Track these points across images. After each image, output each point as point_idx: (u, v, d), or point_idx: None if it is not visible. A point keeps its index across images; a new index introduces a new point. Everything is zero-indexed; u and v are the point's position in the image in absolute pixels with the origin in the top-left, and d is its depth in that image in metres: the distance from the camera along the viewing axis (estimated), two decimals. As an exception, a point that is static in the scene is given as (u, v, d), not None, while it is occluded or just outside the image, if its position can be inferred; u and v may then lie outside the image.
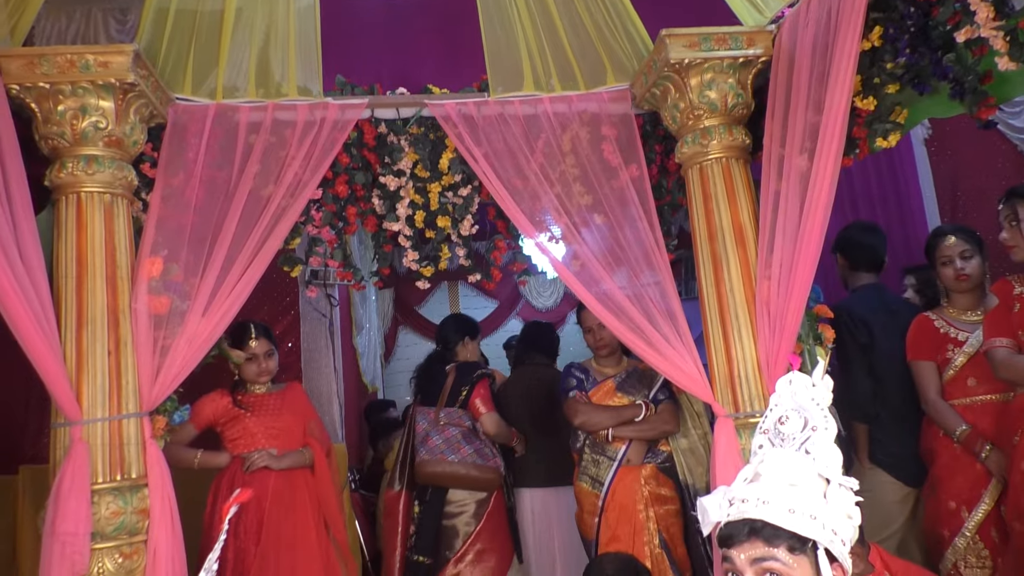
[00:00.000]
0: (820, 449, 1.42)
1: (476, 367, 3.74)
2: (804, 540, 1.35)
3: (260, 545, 3.01)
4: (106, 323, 2.45)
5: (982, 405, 2.88)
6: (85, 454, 2.34)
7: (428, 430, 3.51)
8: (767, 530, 1.36)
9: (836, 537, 1.35)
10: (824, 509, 1.37)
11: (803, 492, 1.38)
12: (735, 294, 2.72)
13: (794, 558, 1.35)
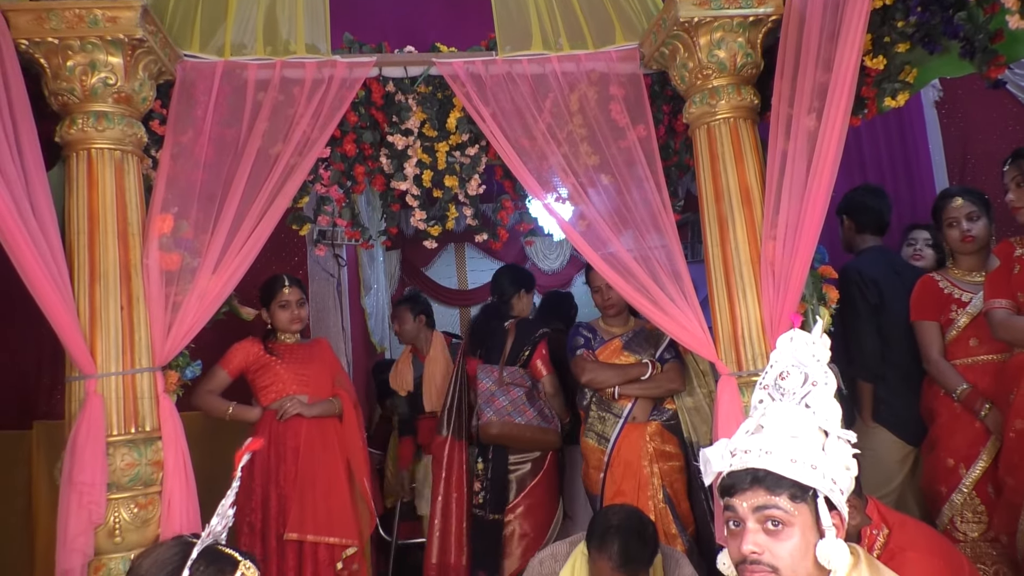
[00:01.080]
0: (820, 403, 1.47)
1: (536, 326, 3.77)
2: (805, 489, 1.40)
3: (298, 488, 3.12)
4: (118, 279, 2.49)
5: (983, 365, 2.91)
6: (100, 407, 2.39)
7: (493, 390, 3.54)
8: (769, 479, 1.41)
9: (835, 486, 1.41)
10: (824, 460, 1.41)
11: (804, 443, 1.43)
12: (740, 254, 2.73)
13: (795, 506, 1.39)
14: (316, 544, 3.12)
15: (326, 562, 3.13)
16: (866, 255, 3.35)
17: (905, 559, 1.92)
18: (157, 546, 1.53)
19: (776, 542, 1.38)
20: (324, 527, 3.12)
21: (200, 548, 1.43)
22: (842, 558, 1.37)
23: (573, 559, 2.40)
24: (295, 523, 3.09)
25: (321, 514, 3.13)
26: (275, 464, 3.15)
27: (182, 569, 1.40)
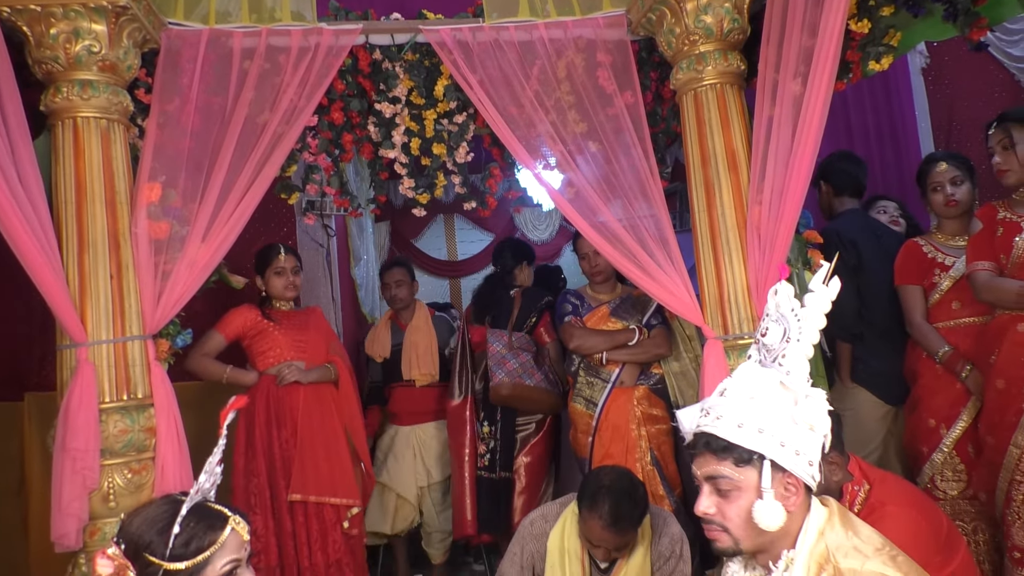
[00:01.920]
0: (792, 361, 1.47)
1: (541, 295, 3.87)
2: (752, 452, 1.41)
3: (299, 451, 3.17)
4: (107, 247, 2.50)
5: (964, 327, 2.95)
6: (91, 374, 2.41)
7: (504, 353, 3.63)
8: (716, 444, 1.45)
9: (785, 449, 1.40)
10: (777, 422, 1.42)
11: (757, 406, 1.44)
12: (726, 219, 2.76)
13: (740, 470, 1.42)
14: (321, 505, 3.18)
15: (332, 521, 3.19)
16: (844, 217, 3.38)
17: (885, 513, 1.97)
18: (147, 504, 1.55)
19: (726, 504, 1.43)
20: (327, 488, 3.18)
21: (189, 505, 1.46)
22: (775, 520, 1.38)
23: (563, 519, 2.44)
24: (298, 485, 3.15)
25: (323, 476, 3.19)
26: (275, 429, 3.20)
27: (172, 526, 1.43)
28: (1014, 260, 2.67)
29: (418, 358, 3.97)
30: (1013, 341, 2.64)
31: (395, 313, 4.14)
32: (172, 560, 1.41)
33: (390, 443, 3.99)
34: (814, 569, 1.36)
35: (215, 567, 1.45)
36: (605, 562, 2.36)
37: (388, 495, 3.97)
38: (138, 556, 1.41)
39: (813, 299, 1.48)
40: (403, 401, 4.00)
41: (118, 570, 1.39)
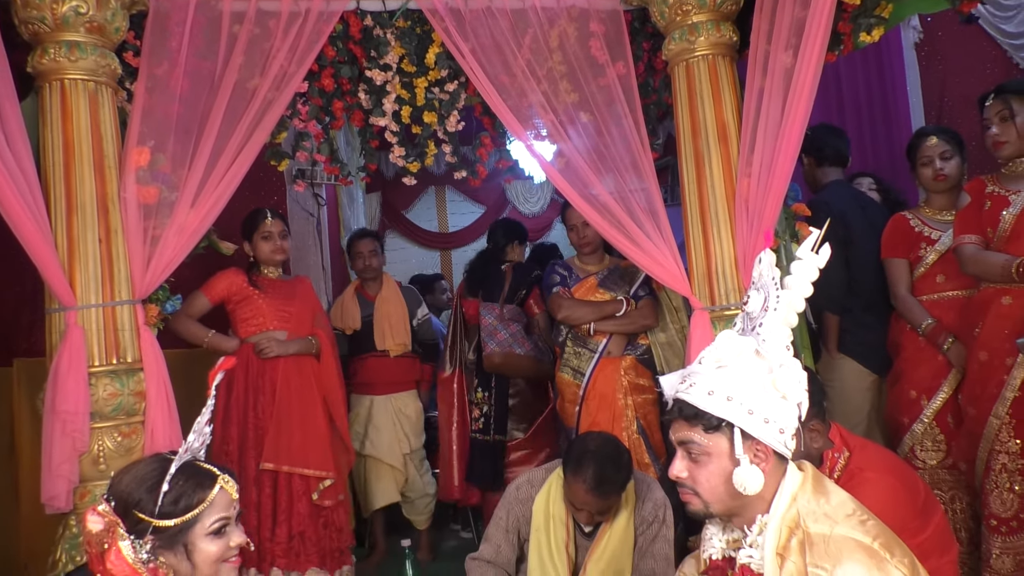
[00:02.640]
0: (769, 329, 1.48)
1: (531, 269, 4.00)
2: (720, 420, 1.44)
3: (275, 421, 3.18)
4: (95, 211, 2.49)
5: (948, 301, 2.98)
6: (80, 338, 2.42)
7: (496, 325, 3.78)
8: (687, 411, 1.48)
9: (754, 417, 1.42)
10: (747, 390, 1.43)
11: (732, 373, 1.46)
12: (716, 191, 2.77)
13: (709, 436, 1.45)
14: (291, 475, 3.19)
15: (301, 492, 3.21)
16: (831, 189, 3.38)
17: (864, 479, 2.01)
18: (136, 463, 1.57)
19: (696, 468, 1.47)
20: (299, 459, 3.19)
21: (179, 463, 1.47)
22: (754, 484, 1.41)
23: (549, 484, 2.48)
24: (270, 454, 3.16)
25: (296, 446, 3.19)
26: (252, 397, 3.20)
27: (161, 483, 1.44)
28: (1000, 234, 2.70)
29: (391, 328, 3.97)
30: (997, 314, 2.68)
31: (361, 284, 4.10)
32: (161, 517, 1.43)
33: (367, 414, 3.98)
34: (785, 534, 1.38)
35: (204, 525, 1.47)
36: (589, 526, 2.40)
37: (374, 465, 3.98)
38: (127, 513, 1.43)
39: (800, 267, 1.49)
40: (378, 371, 3.99)
41: (108, 526, 1.41)
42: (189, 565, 1.45)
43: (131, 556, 1.40)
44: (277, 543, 3.15)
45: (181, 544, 1.45)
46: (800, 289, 1.49)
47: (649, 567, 2.37)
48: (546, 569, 2.39)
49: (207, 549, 1.47)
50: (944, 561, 2.10)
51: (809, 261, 1.49)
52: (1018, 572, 2.61)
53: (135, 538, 1.41)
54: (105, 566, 1.39)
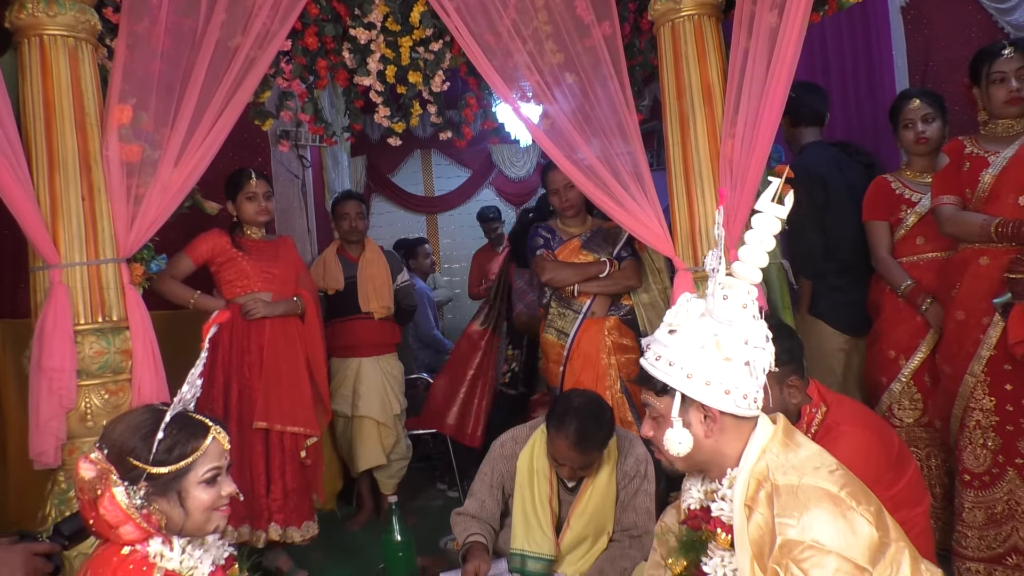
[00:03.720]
0: (725, 288, 1.48)
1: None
2: (664, 384, 1.48)
3: (263, 381, 3.20)
4: (78, 169, 2.48)
5: (927, 262, 3.02)
6: (65, 296, 2.42)
7: (524, 288, 4.07)
8: (642, 375, 1.54)
9: (693, 380, 1.45)
10: (689, 355, 1.46)
11: (679, 338, 1.48)
12: (700, 152, 2.79)
13: (660, 400, 1.50)
14: (282, 433, 3.23)
15: (291, 450, 3.26)
16: (810, 151, 3.37)
17: (840, 432, 2.05)
18: (128, 413, 1.59)
19: (657, 429, 1.52)
20: (288, 417, 3.23)
21: (173, 412, 1.50)
22: (680, 447, 1.46)
23: (533, 440, 2.52)
24: (262, 413, 3.19)
25: (285, 405, 3.23)
26: (238, 357, 3.22)
27: (155, 432, 1.46)
28: (979, 195, 2.73)
29: (376, 291, 3.97)
30: (974, 274, 2.72)
31: (342, 245, 4.07)
32: (156, 465, 1.46)
33: (355, 375, 3.98)
34: (753, 486, 1.42)
35: (197, 473, 1.50)
36: (571, 481, 2.44)
37: (360, 427, 3.99)
38: (121, 460, 1.45)
39: (760, 220, 1.49)
40: (364, 334, 3.99)
41: (100, 474, 1.43)
42: (182, 511, 1.49)
43: (125, 502, 1.42)
44: (273, 500, 3.20)
45: (175, 491, 1.48)
46: (760, 243, 1.49)
47: (630, 520, 2.43)
48: (530, 523, 2.44)
49: (200, 497, 1.50)
50: (916, 512, 2.16)
51: (769, 212, 1.49)
52: (989, 525, 2.69)
53: (129, 484, 1.44)
54: (98, 512, 1.42)
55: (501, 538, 2.57)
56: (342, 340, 3.99)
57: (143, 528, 1.44)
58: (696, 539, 1.54)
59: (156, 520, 1.45)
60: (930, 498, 2.47)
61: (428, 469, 5.06)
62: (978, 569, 2.69)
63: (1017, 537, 2.64)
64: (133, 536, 1.43)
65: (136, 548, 1.44)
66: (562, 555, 2.45)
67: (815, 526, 1.31)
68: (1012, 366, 2.63)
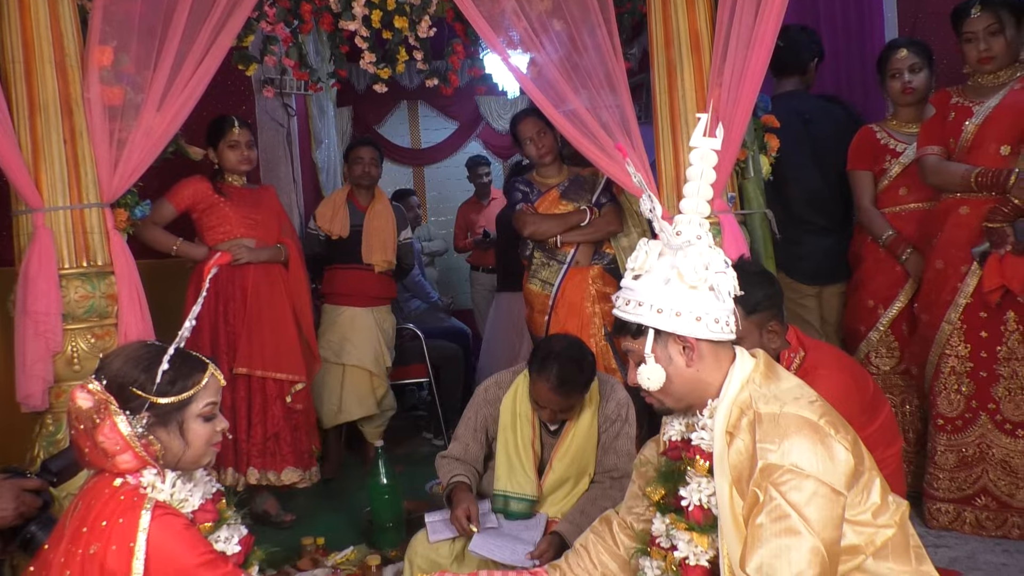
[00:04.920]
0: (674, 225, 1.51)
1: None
2: (637, 325, 1.52)
3: (247, 327, 3.22)
4: (59, 111, 2.45)
5: (909, 213, 3.05)
6: (49, 239, 2.41)
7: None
8: (617, 323, 1.57)
9: (664, 314, 1.48)
10: (653, 291, 1.49)
11: (644, 280, 1.52)
12: (687, 100, 2.78)
13: (638, 342, 1.54)
14: (264, 379, 3.26)
15: (274, 395, 3.29)
16: (777, 102, 3.22)
17: (817, 375, 2.09)
18: (123, 347, 1.61)
19: (640, 371, 1.54)
20: (272, 363, 3.26)
21: (177, 345, 1.53)
22: (654, 381, 1.50)
23: (516, 385, 2.55)
24: (244, 359, 3.21)
25: (269, 351, 3.26)
26: (222, 304, 3.22)
27: (158, 364, 1.49)
28: (962, 145, 2.75)
29: (382, 244, 3.96)
30: (954, 224, 2.75)
31: (353, 191, 4.02)
32: (159, 395, 1.49)
33: (347, 324, 3.96)
34: (735, 414, 1.46)
35: (197, 407, 1.54)
36: (553, 424, 2.48)
37: (351, 375, 3.99)
38: (122, 391, 1.47)
39: (696, 155, 1.50)
40: (360, 284, 3.98)
41: (98, 403, 1.45)
42: (182, 442, 1.52)
43: (127, 430, 1.45)
44: (253, 444, 3.24)
45: (175, 422, 1.51)
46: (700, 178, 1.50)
47: (612, 462, 2.47)
48: (513, 465, 2.49)
49: (198, 430, 1.54)
50: (889, 453, 2.23)
51: (704, 147, 1.50)
52: (960, 467, 2.77)
53: (130, 414, 1.47)
54: (95, 440, 1.44)
55: (485, 480, 2.61)
56: (339, 287, 3.97)
57: (141, 457, 1.47)
58: (675, 469, 1.59)
59: (154, 450, 1.49)
60: (902, 440, 2.54)
61: (414, 419, 5.13)
62: (948, 509, 2.78)
63: (987, 479, 2.72)
64: (130, 465, 1.46)
65: (127, 480, 1.47)
66: (544, 496, 2.50)
67: (795, 451, 1.35)
68: (987, 314, 2.69)
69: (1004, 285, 2.59)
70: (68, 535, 1.42)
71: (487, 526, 2.38)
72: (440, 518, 2.48)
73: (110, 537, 1.37)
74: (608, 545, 1.80)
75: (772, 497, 1.34)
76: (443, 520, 2.45)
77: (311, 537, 2.99)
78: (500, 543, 2.32)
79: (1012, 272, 2.57)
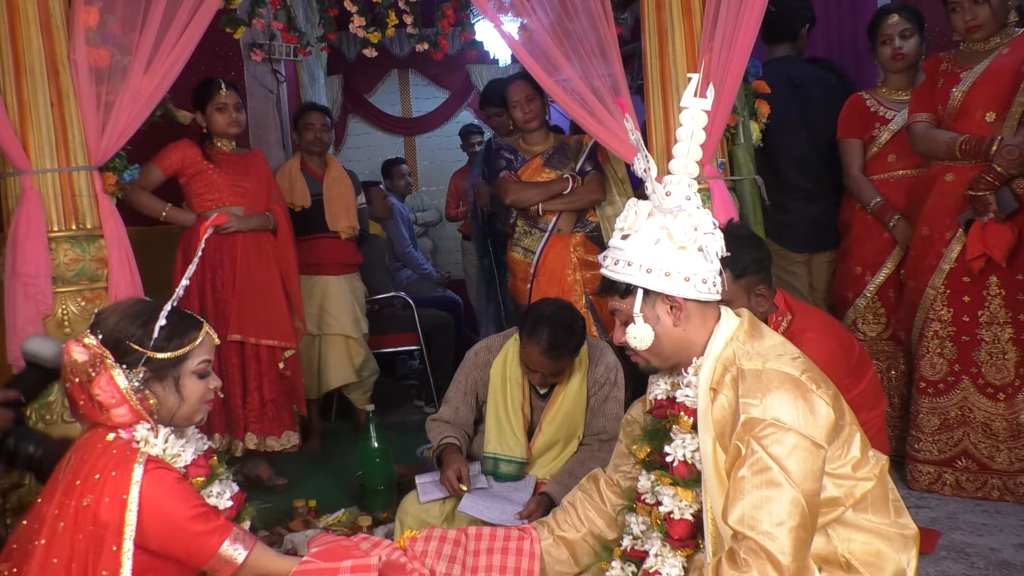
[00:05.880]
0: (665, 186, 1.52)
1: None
2: (626, 284, 1.53)
3: (237, 295, 3.22)
4: (45, 73, 2.44)
5: (898, 180, 3.07)
6: (37, 201, 2.41)
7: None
8: (605, 282, 1.58)
9: (653, 274, 1.49)
10: (643, 251, 1.50)
11: (632, 240, 1.53)
12: (678, 65, 2.78)
13: (625, 302, 1.55)
14: (257, 346, 3.27)
15: (269, 362, 3.30)
16: (767, 68, 3.19)
17: (804, 338, 2.11)
18: (119, 303, 1.62)
19: (628, 330, 1.55)
20: (264, 330, 3.26)
21: (173, 302, 1.55)
22: (642, 340, 1.52)
23: (506, 349, 2.57)
24: (236, 326, 3.21)
25: (260, 318, 3.26)
26: (211, 272, 3.21)
27: (154, 320, 1.51)
28: (950, 111, 2.76)
29: (346, 210, 3.94)
30: (940, 191, 2.77)
31: (305, 159, 3.94)
32: (155, 350, 1.51)
33: (322, 294, 3.94)
34: (719, 371, 1.48)
35: (192, 363, 1.56)
36: (543, 387, 2.51)
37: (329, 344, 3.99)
38: (118, 345, 1.49)
39: (687, 116, 1.50)
40: (331, 252, 3.95)
41: (94, 357, 1.46)
42: (178, 398, 1.55)
43: (124, 384, 1.47)
44: (250, 410, 3.25)
45: (171, 378, 1.54)
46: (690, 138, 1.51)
47: (600, 425, 2.51)
48: (502, 427, 2.51)
49: (192, 387, 1.56)
50: (873, 415, 2.26)
51: (695, 107, 1.50)
52: (942, 430, 2.81)
53: (127, 368, 1.48)
54: (90, 393, 1.46)
55: (475, 443, 2.64)
56: (309, 258, 3.90)
57: (136, 411, 1.48)
58: (660, 427, 1.62)
59: (149, 405, 1.51)
60: (886, 402, 2.58)
61: (406, 388, 5.15)
62: (929, 471, 2.83)
63: (968, 442, 2.77)
64: (124, 419, 1.48)
65: (120, 435, 1.48)
66: (533, 458, 2.53)
67: (776, 406, 1.38)
68: (970, 279, 2.72)
69: (986, 253, 2.62)
70: (61, 488, 1.44)
71: (477, 487, 2.41)
72: (430, 479, 2.51)
73: (103, 490, 1.39)
74: (595, 502, 1.83)
75: (754, 450, 1.36)
76: (433, 481, 2.49)
77: (303, 500, 3.03)
78: (489, 504, 2.35)
79: (993, 240, 2.60)
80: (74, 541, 1.39)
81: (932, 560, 2.36)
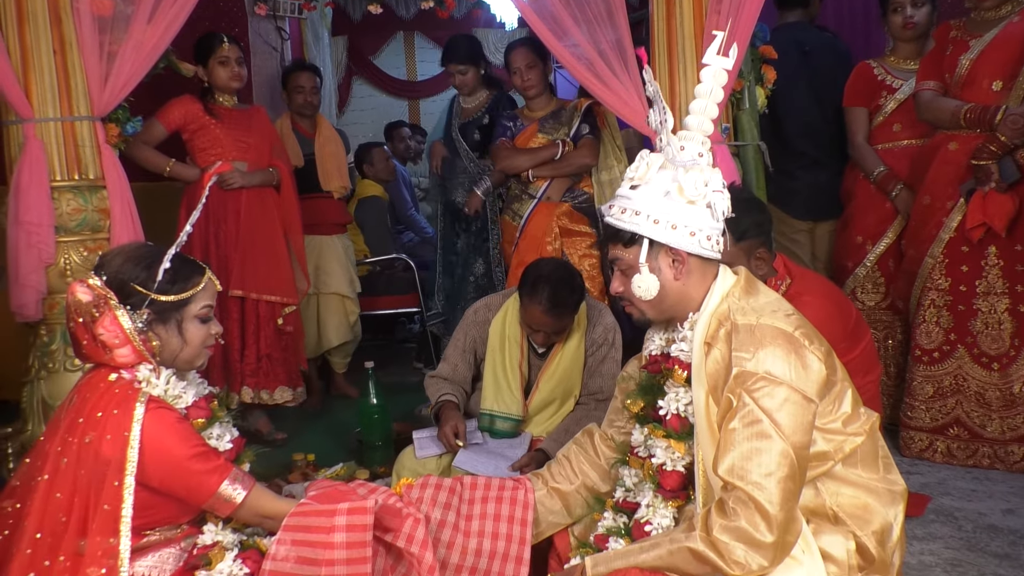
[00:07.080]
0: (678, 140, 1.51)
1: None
2: (632, 233, 1.52)
3: (239, 251, 3.24)
4: (48, 21, 2.44)
5: (902, 149, 3.06)
6: (40, 150, 2.42)
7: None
8: (609, 230, 1.57)
9: (660, 225, 1.49)
10: (653, 202, 1.50)
11: (642, 190, 1.52)
12: (684, 28, 2.76)
13: (628, 251, 1.55)
14: (258, 301, 3.30)
15: (267, 317, 3.33)
16: (777, 33, 3.22)
17: (801, 301, 2.11)
18: (123, 247, 1.63)
19: (628, 281, 1.56)
20: (264, 286, 3.28)
21: (177, 246, 1.56)
22: (648, 291, 1.52)
23: (505, 308, 2.58)
24: (238, 281, 3.23)
25: (262, 274, 3.28)
26: (214, 227, 3.23)
27: (158, 263, 1.53)
28: (957, 79, 2.74)
29: (338, 170, 3.93)
30: (942, 159, 2.77)
31: (295, 119, 3.89)
32: (159, 293, 1.53)
33: (318, 253, 3.94)
34: (714, 325, 1.50)
35: (195, 307, 1.58)
36: (543, 347, 2.53)
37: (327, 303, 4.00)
38: (122, 287, 1.51)
39: (708, 72, 1.50)
40: (324, 212, 3.96)
41: (98, 298, 1.48)
42: (180, 340, 1.57)
43: (128, 324, 1.49)
44: (247, 364, 3.29)
45: (174, 320, 1.56)
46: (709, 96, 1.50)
47: (597, 385, 2.53)
48: (500, 385, 2.54)
49: (194, 331, 1.58)
50: (868, 380, 2.28)
51: (716, 65, 1.49)
52: (936, 398, 2.84)
53: (130, 309, 1.50)
54: (94, 332, 1.48)
55: (472, 401, 2.66)
56: (304, 218, 3.83)
57: (139, 352, 1.50)
58: (655, 382, 1.63)
59: (152, 346, 1.53)
60: (881, 368, 2.60)
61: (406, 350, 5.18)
62: (921, 438, 2.86)
63: (960, 410, 2.80)
64: (127, 359, 1.50)
65: (122, 375, 1.50)
66: (530, 416, 2.56)
67: (769, 360, 1.39)
68: (969, 248, 2.72)
69: (986, 223, 2.62)
70: (64, 426, 1.47)
71: (473, 443, 2.44)
72: (428, 435, 2.54)
73: (105, 427, 1.42)
74: (589, 456, 1.85)
75: (745, 403, 1.38)
76: (430, 437, 2.51)
77: (302, 453, 3.07)
78: (485, 459, 2.38)
79: (994, 210, 2.60)
80: (76, 476, 1.41)
81: (921, 523, 2.39)
